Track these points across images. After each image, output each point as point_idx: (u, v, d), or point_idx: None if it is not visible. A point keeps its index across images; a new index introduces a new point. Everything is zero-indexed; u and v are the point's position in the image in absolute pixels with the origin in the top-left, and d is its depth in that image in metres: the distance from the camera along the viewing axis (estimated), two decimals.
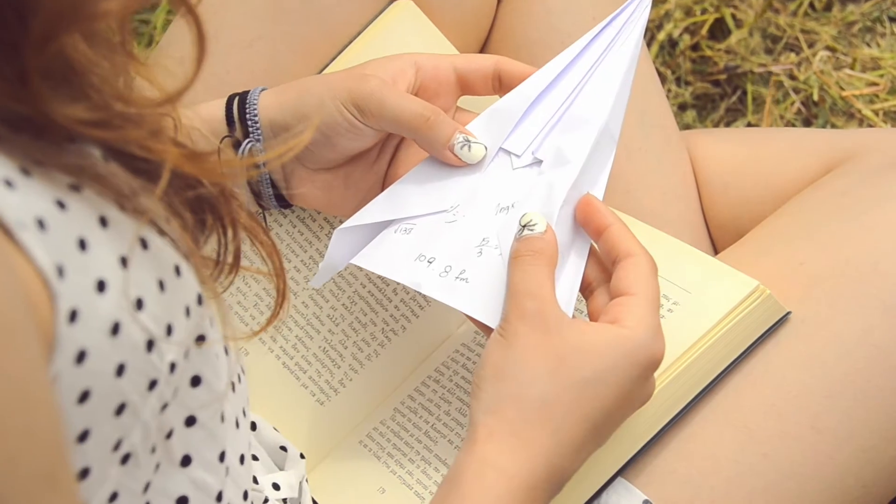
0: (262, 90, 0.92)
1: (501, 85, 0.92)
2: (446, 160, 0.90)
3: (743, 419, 0.89)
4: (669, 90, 1.49)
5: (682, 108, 1.48)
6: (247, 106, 0.91)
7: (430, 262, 0.87)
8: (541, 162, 0.88)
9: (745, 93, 1.48)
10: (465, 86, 0.93)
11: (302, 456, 0.98)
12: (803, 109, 1.46)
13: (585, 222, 0.84)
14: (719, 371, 0.90)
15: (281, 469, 0.98)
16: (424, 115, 0.88)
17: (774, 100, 1.47)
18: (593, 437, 0.79)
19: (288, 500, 0.92)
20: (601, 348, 0.78)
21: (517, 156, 0.90)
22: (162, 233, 0.66)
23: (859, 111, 1.45)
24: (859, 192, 0.95)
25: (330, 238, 0.90)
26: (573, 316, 0.82)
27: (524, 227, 0.82)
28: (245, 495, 0.77)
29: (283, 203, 0.96)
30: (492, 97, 0.94)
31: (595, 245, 0.86)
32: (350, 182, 0.94)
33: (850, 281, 0.91)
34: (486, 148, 0.89)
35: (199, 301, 0.68)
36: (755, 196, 1.06)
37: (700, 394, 0.89)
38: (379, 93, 0.88)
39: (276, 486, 0.91)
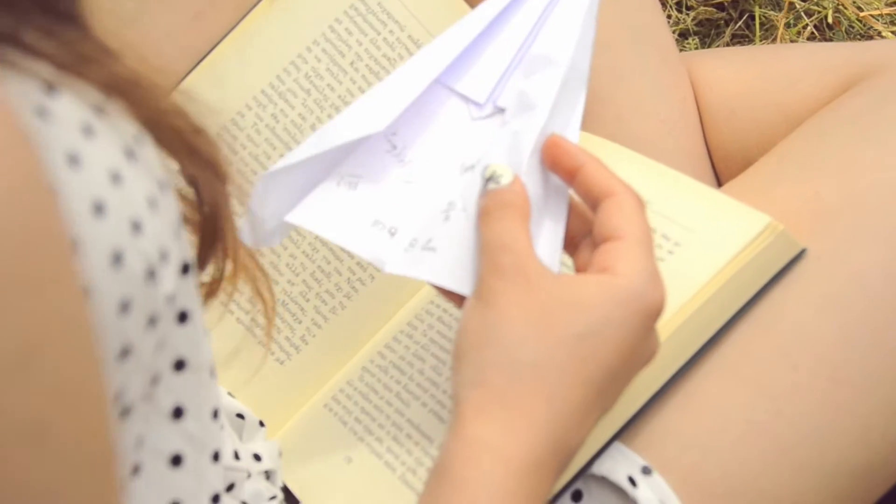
0: None
1: None
2: None
3: (753, 372, 0.80)
4: (669, 16, 1.37)
5: (684, 35, 1.37)
6: None
7: (393, 234, 0.77)
8: (503, 110, 0.78)
9: (752, 17, 1.37)
10: None
11: (262, 424, 0.88)
12: (817, 34, 1.35)
13: (555, 166, 0.73)
14: (726, 319, 0.80)
15: (240, 440, 0.88)
16: None
17: (786, 23, 1.35)
18: (597, 401, 0.68)
19: (269, 473, 0.83)
20: (592, 300, 0.68)
21: (477, 104, 0.79)
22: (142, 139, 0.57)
23: (879, 33, 1.34)
24: (882, 112, 0.85)
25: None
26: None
27: (488, 180, 0.72)
28: (216, 456, 0.67)
29: None
30: None
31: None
32: None
33: (872, 211, 0.81)
34: None
35: (182, 221, 0.60)
36: (764, 122, 0.96)
37: (705, 346, 0.80)
38: None
39: (257, 457, 0.81)
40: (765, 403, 0.79)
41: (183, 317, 0.60)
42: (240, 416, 0.88)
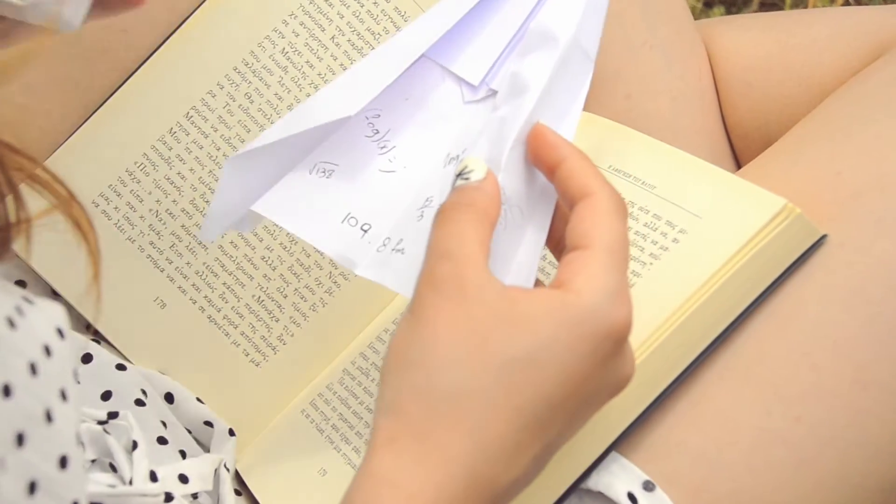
0: None
1: None
2: None
3: (768, 374, 0.73)
4: None
5: (709, 4, 1.31)
6: None
7: (365, 231, 0.71)
8: (496, 93, 0.72)
9: None
10: None
11: (232, 433, 0.82)
12: (852, 0, 1.27)
13: (536, 159, 0.66)
14: (736, 314, 0.74)
15: (207, 450, 0.81)
16: None
17: None
18: (535, 434, 0.60)
19: (200, 495, 0.75)
20: (536, 319, 0.60)
21: (470, 86, 0.73)
22: None
23: None
24: None
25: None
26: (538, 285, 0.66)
27: (458, 175, 0.65)
28: None
29: None
30: None
31: None
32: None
33: None
34: None
35: None
36: (786, 95, 0.89)
37: (712, 344, 0.73)
38: None
39: (183, 479, 0.74)
40: (781, 409, 0.73)
41: None
42: (208, 423, 0.82)
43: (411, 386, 0.60)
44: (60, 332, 0.55)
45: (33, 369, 0.52)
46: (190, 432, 0.82)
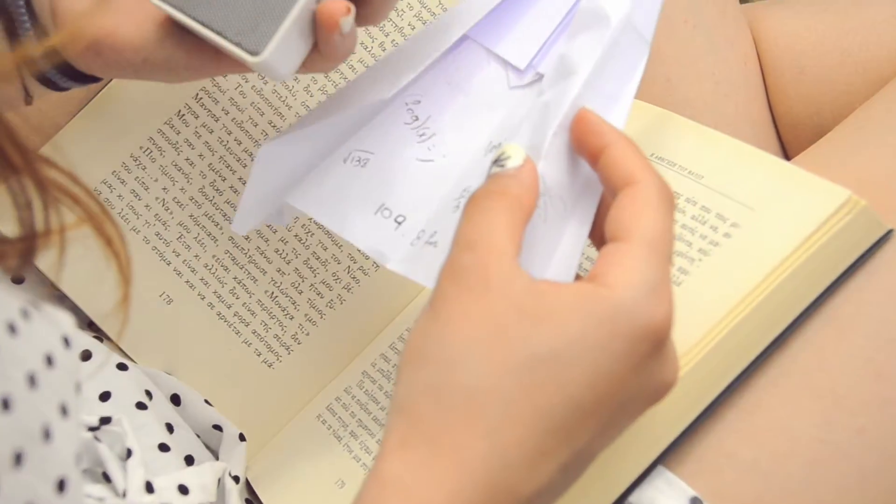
0: None
1: None
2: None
3: (828, 381, 0.69)
4: None
5: None
6: None
7: (399, 223, 0.68)
8: (543, 78, 0.69)
9: None
10: None
11: (242, 437, 0.78)
12: None
13: (580, 146, 0.62)
14: (794, 316, 0.69)
15: (216, 455, 0.76)
16: None
17: None
18: (560, 441, 0.55)
19: None
20: (564, 314, 0.55)
21: (516, 70, 0.70)
22: None
23: None
24: None
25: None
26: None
27: (494, 162, 0.61)
28: None
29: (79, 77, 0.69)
30: None
31: None
32: None
33: None
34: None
35: None
36: (841, 82, 0.86)
37: (768, 349, 0.69)
38: None
39: (182, 490, 0.69)
40: (842, 419, 0.68)
41: None
42: (217, 427, 0.78)
43: (425, 383, 0.55)
44: (66, 341, 0.50)
45: (32, 381, 0.47)
46: (198, 437, 0.77)
